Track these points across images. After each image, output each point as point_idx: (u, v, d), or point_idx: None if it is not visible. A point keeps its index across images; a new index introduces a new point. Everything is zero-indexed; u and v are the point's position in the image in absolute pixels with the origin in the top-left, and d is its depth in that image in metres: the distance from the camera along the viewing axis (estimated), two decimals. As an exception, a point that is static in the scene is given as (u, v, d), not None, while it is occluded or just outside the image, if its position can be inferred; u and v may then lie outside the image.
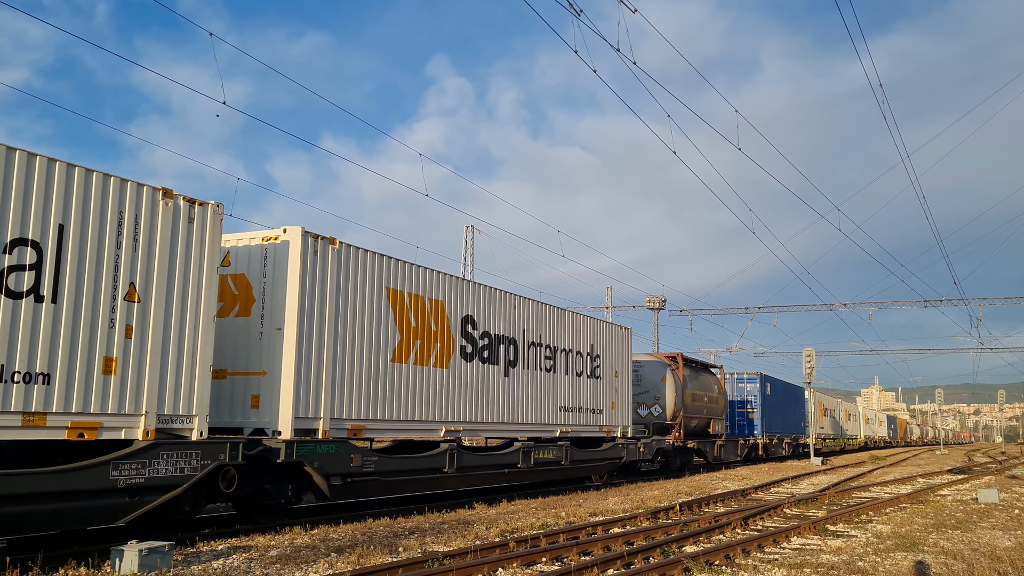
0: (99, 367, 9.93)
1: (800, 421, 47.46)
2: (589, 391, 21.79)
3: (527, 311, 19.32)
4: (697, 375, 30.82)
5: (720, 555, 10.82)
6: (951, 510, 17.29)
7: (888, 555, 11.13)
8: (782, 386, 43.55)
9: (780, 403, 42.16)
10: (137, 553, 8.80)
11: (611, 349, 23.22)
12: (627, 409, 23.93)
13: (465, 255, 58.51)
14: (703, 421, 30.94)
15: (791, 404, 45.29)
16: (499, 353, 17.98)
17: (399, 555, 10.39)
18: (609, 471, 23.40)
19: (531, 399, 19.09)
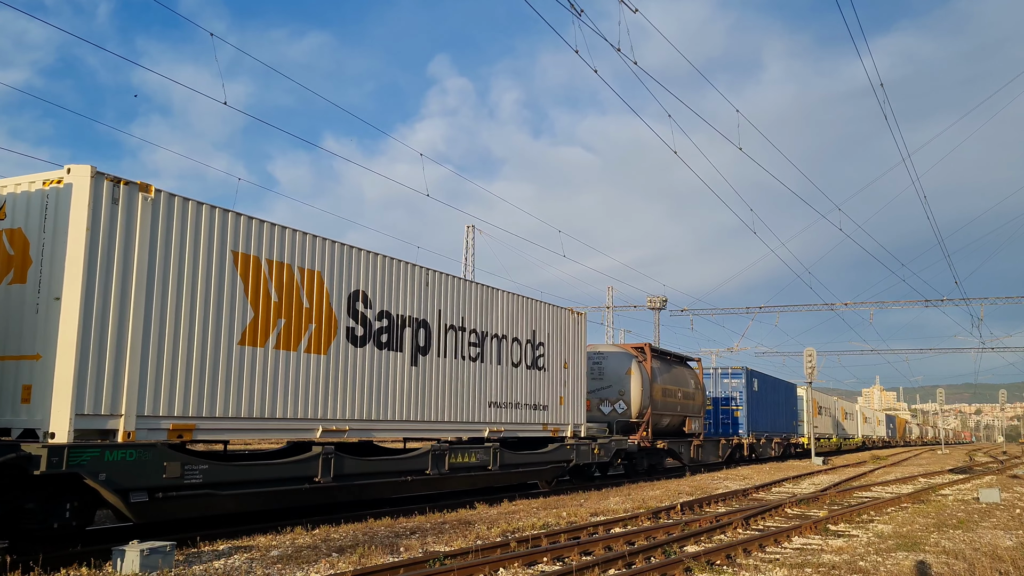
0: None
1: (792, 420, 45.47)
2: (530, 384, 19.05)
3: (444, 289, 16.46)
4: (669, 368, 28.35)
5: (721, 555, 10.82)
6: (952, 510, 17.29)
7: (889, 555, 11.13)
8: (771, 382, 41.23)
9: (769, 400, 39.83)
10: (139, 553, 8.81)
11: (560, 337, 20.43)
12: (580, 405, 21.18)
13: (466, 255, 58.55)
14: (677, 419, 28.51)
15: (782, 402, 43.02)
16: (404, 338, 15.05)
17: (400, 555, 10.39)
18: (556, 476, 20.68)
19: (450, 393, 16.29)
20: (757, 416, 37.09)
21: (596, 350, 25.71)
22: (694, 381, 30.58)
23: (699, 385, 31.23)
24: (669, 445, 27.39)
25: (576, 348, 21.31)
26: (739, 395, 35.56)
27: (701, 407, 30.99)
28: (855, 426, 69.47)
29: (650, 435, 25.50)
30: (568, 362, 20.77)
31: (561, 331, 20.61)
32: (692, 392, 29.94)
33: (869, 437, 76.51)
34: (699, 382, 31.38)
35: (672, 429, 28.43)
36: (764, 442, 38.56)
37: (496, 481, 18.22)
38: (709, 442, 31.94)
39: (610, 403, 25.41)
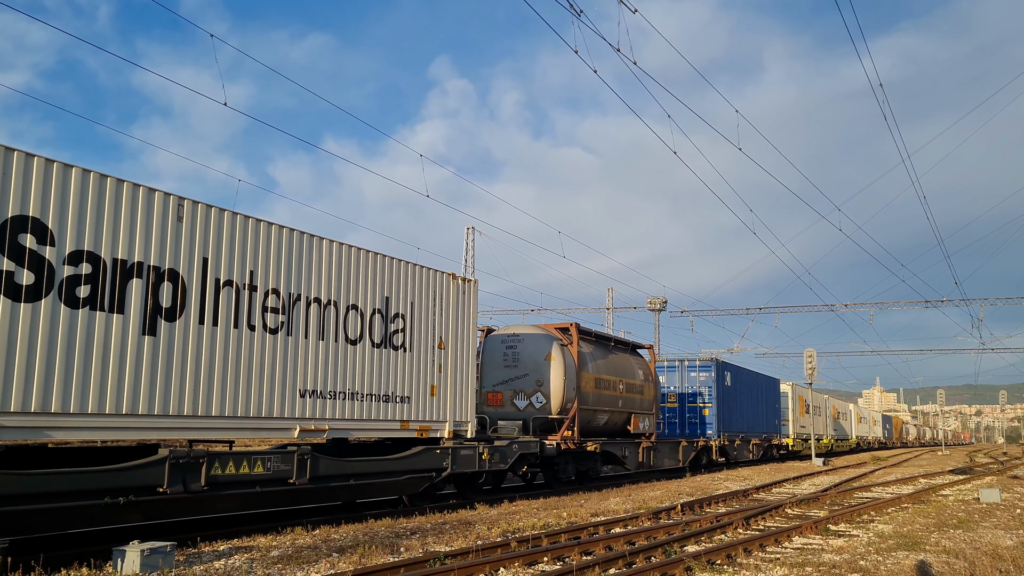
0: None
1: (776, 419, 40.99)
2: (379, 369, 14.59)
3: (216, 229, 11.91)
4: (607, 354, 23.80)
5: (722, 554, 10.82)
6: (953, 510, 17.29)
7: (890, 554, 11.13)
8: (749, 377, 36.85)
9: (745, 397, 35.53)
10: (139, 553, 8.81)
11: (432, 308, 15.96)
12: (464, 397, 16.65)
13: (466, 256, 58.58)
14: (619, 416, 23.94)
15: (762, 399, 38.64)
16: (127, 293, 10.60)
17: (401, 555, 10.39)
18: (423, 489, 15.68)
19: (223, 377, 11.78)
20: (730, 414, 32.90)
21: (511, 331, 21.77)
22: (643, 372, 25.82)
23: (650, 377, 26.41)
24: (604, 447, 22.26)
25: (460, 324, 16.77)
26: (708, 391, 31.29)
27: (653, 402, 26.28)
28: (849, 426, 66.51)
29: (576, 435, 20.72)
30: (446, 341, 16.21)
31: (434, 300, 16.01)
32: (640, 384, 25.28)
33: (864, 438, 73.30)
34: (650, 373, 26.55)
35: (612, 428, 24.03)
36: (739, 444, 34.28)
37: (309, 499, 13.41)
38: (664, 444, 27.03)
39: (526, 396, 20.82)
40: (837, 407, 61.78)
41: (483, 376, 21.09)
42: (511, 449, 17.99)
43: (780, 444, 42.39)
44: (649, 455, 25.24)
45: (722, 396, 31.81)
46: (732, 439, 32.99)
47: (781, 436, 42.31)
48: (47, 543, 11.01)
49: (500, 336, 21.60)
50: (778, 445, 42.12)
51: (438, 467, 15.77)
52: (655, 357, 27.49)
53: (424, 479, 15.49)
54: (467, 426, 16.81)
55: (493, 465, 17.30)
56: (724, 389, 32.19)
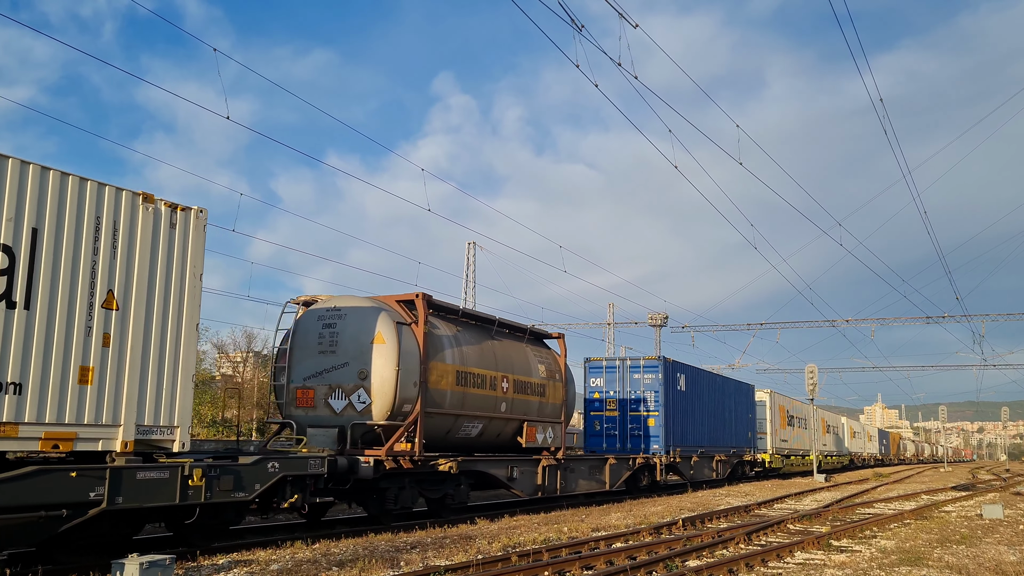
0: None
1: (748, 431, 35.72)
2: None
3: None
4: (482, 340, 17.85)
5: (724, 569, 10.78)
6: (955, 526, 17.21)
7: (892, 569, 11.07)
8: (711, 381, 31.62)
9: (706, 405, 30.29)
10: (138, 566, 8.77)
11: (87, 242, 10.04)
12: (166, 391, 10.79)
13: (467, 272, 58.64)
14: (503, 424, 18.17)
15: (730, 408, 33.37)
16: None
17: (400, 569, 10.35)
18: (53, 536, 9.55)
19: None
20: (683, 425, 27.68)
21: (332, 303, 16.06)
22: (548, 367, 20.09)
23: (559, 374, 20.62)
24: (471, 467, 16.72)
25: (161, 274, 10.91)
26: (653, 396, 26.20)
27: (562, 408, 20.52)
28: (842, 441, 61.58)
29: (419, 448, 15.04)
30: (122, 298, 10.38)
31: (94, 232, 10.11)
32: (540, 383, 19.53)
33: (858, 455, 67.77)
34: (560, 369, 20.69)
35: (493, 441, 18.36)
36: (697, 460, 28.82)
37: None
38: (581, 462, 21.40)
39: (344, 393, 15.23)
40: (827, 420, 56.91)
41: (292, 365, 15.91)
42: (260, 470, 11.89)
43: (754, 461, 37.09)
44: (554, 476, 19.49)
45: (672, 403, 26.76)
46: (688, 454, 27.78)
47: (756, 451, 37.12)
48: (46, 556, 10.97)
49: (319, 310, 15.93)
50: (751, 462, 36.79)
51: (78, 500, 9.53)
52: (565, 347, 21.24)
53: (48, 521, 9.30)
54: (173, 435, 10.83)
55: (218, 495, 11.13)
56: (675, 395, 27.11)
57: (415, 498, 15.85)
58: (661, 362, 26.58)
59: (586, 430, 26.83)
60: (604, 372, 27.04)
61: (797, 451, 45.51)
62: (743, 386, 35.95)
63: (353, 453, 14.43)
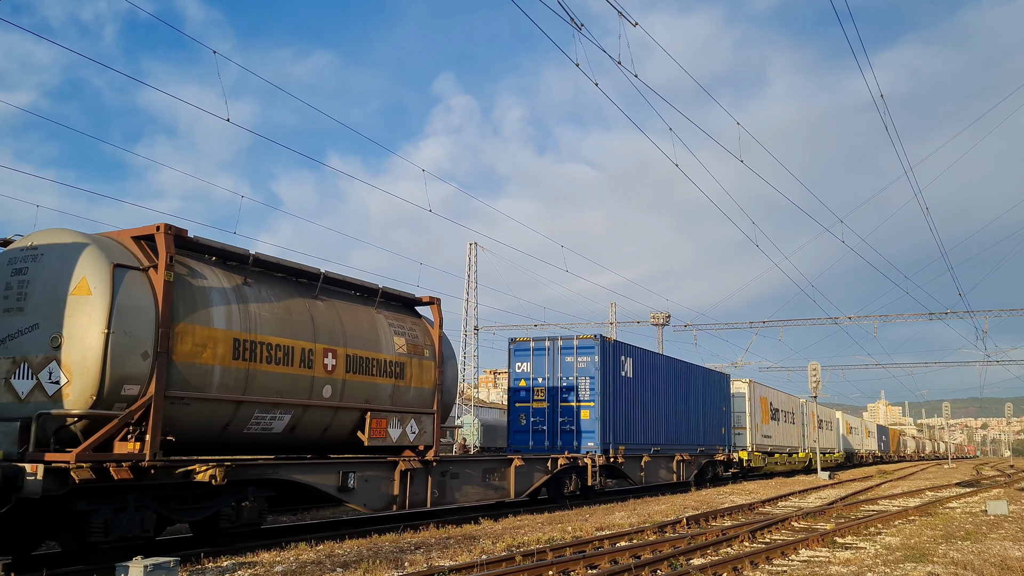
0: None
1: (722, 426, 31.77)
2: None
3: None
4: (286, 298, 12.97)
5: (728, 567, 10.76)
6: (960, 522, 17.19)
7: (897, 566, 11.06)
8: (669, 368, 27.23)
9: (662, 395, 26.17)
10: (142, 569, 8.76)
11: None
12: None
13: (469, 272, 58.67)
14: (329, 416, 13.54)
15: (697, 399, 29.36)
16: None
17: (405, 569, 10.34)
18: None
19: None
20: (630, 418, 23.71)
21: (29, 241, 10.96)
22: (407, 339, 15.28)
23: (430, 351, 15.86)
24: (238, 475, 11.67)
25: None
26: (588, 383, 22.16)
27: (433, 394, 15.74)
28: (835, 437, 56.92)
29: (150, 450, 10.21)
30: None
31: None
32: (395, 361, 14.80)
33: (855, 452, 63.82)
34: (430, 344, 15.95)
35: (322, 439, 13.70)
36: (650, 461, 24.74)
37: None
38: (467, 465, 17.04)
39: (32, 370, 10.27)
40: (818, 414, 51.66)
41: None
42: None
43: (730, 460, 32.77)
44: (421, 484, 15.15)
45: (613, 391, 22.77)
46: (636, 453, 23.83)
47: (731, 449, 33.02)
48: (49, 559, 10.98)
49: (12, 252, 10.99)
50: (726, 461, 32.51)
51: None
52: (440, 315, 16.49)
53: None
54: None
55: None
56: (618, 382, 23.12)
57: (150, 522, 10.70)
58: (598, 342, 22.15)
59: (510, 425, 22.65)
60: (532, 355, 22.80)
61: (782, 448, 41.10)
62: (715, 375, 31.97)
63: (34, 457, 9.57)
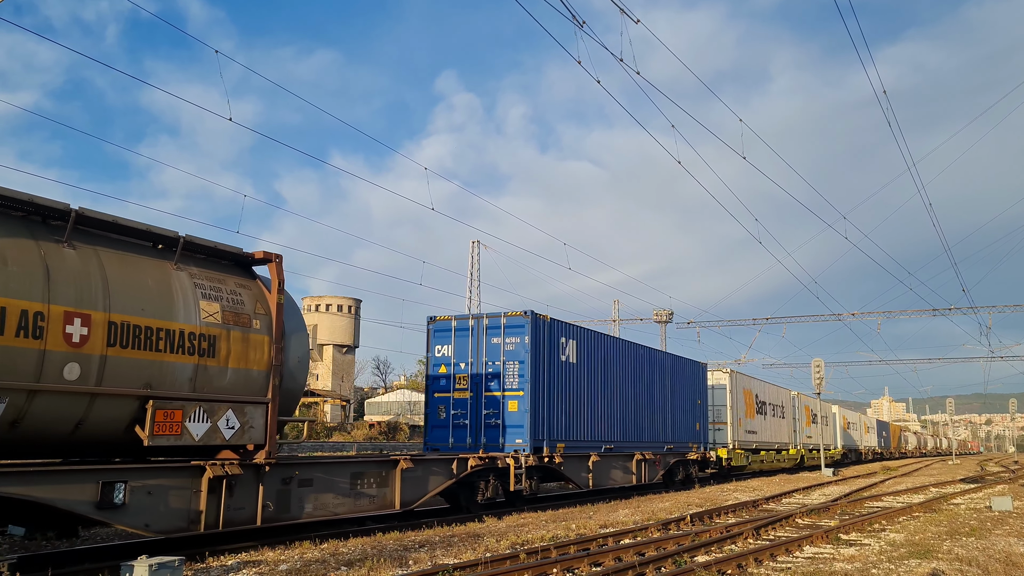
0: None
1: (696, 421, 28.35)
2: None
3: None
4: (6, 233, 9.38)
5: (732, 564, 10.75)
6: (965, 518, 17.17)
7: (902, 562, 11.04)
8: (623, 352, 23.36)
9: (615, 384, 22.38)
10: (147, 568, 8.78)
11: None
12: None
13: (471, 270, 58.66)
14: (91, 404, 9.89)
15: (663, 390, 25.69)
16: None
17: (409, 568, 10.35)
18: None
19: None
20: (571, 411, 19.89)
21: None
22: (223, 304, 11.70)
23: (263, 321, 12.22)
24: None
25: None
26: (516, 368, 18.49)
27: (266, 378, 12.09)
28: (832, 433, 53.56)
29: None
30: None
31: None
32: (200, 332, 11.22)
33: (852, 448, 60.36)
34: (265, 313, 12.31)
35: (75, 436, 10.04)
36: (599, 461, 21.11)
37: None
38: (325, 469, 13.37)
39: None
40: (811, 407, 48.24)
41: None
42: None
43: (705, 458, 28.98)
44: (248, 495, 11.73)
45: (547, 378, 18.97)
46: (580, 452, 20.18)
47: (708, 447, 29.47)
48: (55, 558, 11.00)
49: None
50: (701, 460, 28.70)
51: None
52: (279, 275, 12.53)
53: None
54: None
55: None
56: (555, 367, 19.36)
57: None
58: (529, 319, 18.43)
59: (427, 420, 19.42)
60: (453, 336, 19.24)
61: (769, 445, 37.83)
62: (688, 364, 28.27)
63: None
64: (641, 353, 24.64)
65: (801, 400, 45.68)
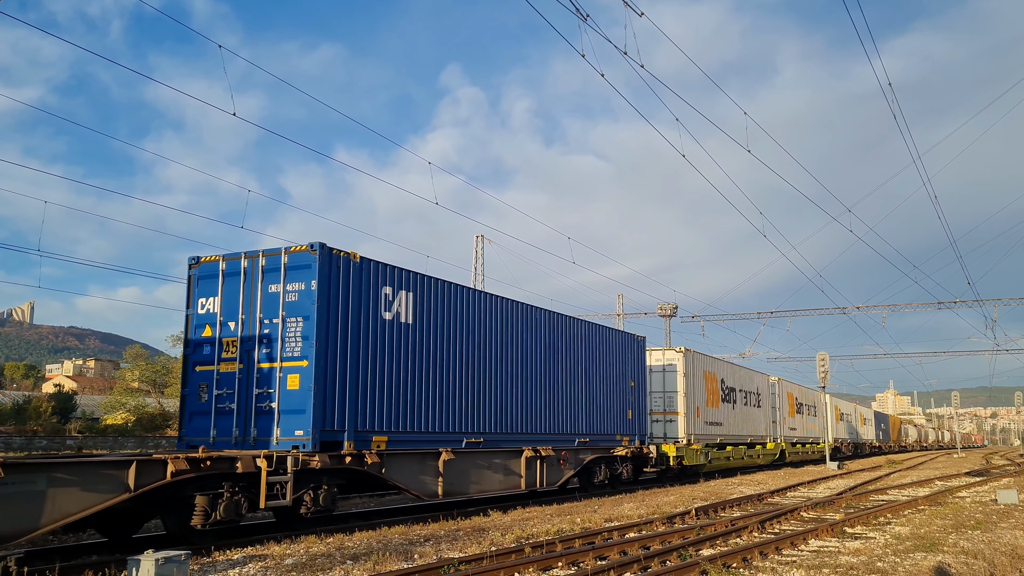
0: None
1: (625, 408, 22.84)
2: None
3: None
4: None
5: (737, 558, 10.75)
6: (970, 511, 17.14)
7: (907, 555, 11.03)
8: (500, 312, 17.83)
9: (486, 355, 17.11)
10: (154, 563, 8.80)
11: None
12: None
13: (476, 265, 58.66)
14: None
15: (571, 367, 20.23)
16: None
17: (414, 562, 10.36)
18: None
19: None
20: (402, 390, 14.74)
21: None
22: None
23: None
24: None
25: None
26: (297, 328, 13.30)
27: None
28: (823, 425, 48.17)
29: None
30: None
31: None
32: None
33: (846, 441, 55.68)
34: None
35: None
36: (454, 460, 15.67)
37: None
38: None
39: None
40: (795, 395, 42.80)
41: None
42: None
43: (643, 455, 23.86)
44: None
45: (355, 342, 13.78)
46: (417, 448, 14.95)
47: (646, 440, 24.08)
48: (62, 552, 11.04)
49: None
50: (635, 457, 23.53)
51: None
52: None
53: None
54: None
55: None
56: (371, 327, 14.16)
57: None
58: (318, 256, 13.15)
59: (185, 404, 14.16)
60: (222, 285, 13.98)
61: (739, 438, 32.74)
62: (616, 337, 23.10)
63: None
64: (534, 318, 19.09)
65: (782, 387, 40.63)
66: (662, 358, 27.66)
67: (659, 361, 27.54)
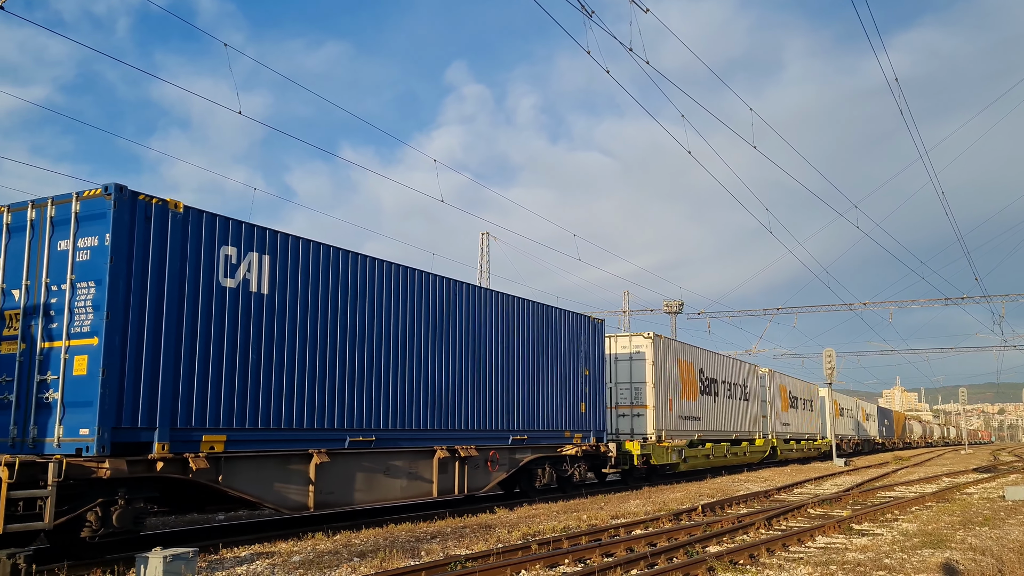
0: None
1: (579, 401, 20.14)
2: None
3: None
4: None
5: (744, 554, 10.75)
6: (978, 508, 17.10)
7: (915, 552, 11.01)
8: (406, 282, 15.02)
9: (382, 333, 14.24)
10: (162, 560, 8.84)
11: None
12: None
13: (481, 262, 58.69)
14: None
15: (505, 351, 17.59)
16: None
17: (421, 558, 10.39)
18: None
19: None
20: (256, 377, 11.80)
21: None
22: None
23: None
24: None
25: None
26: (88, 295, 10.12)
27: None
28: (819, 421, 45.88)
29: None
30: None
31: None
32: None
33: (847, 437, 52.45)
34: None
35: None
36: (333, 464, 12.96)
37: None
38: None
39: None
40: (789, 388, 40.41)
41: None
42: None
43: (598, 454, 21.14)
44: None
45: (177, 314, 10.88)
46: (273, 450, 12.05)
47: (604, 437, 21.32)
48: (71, 550, 11.08)
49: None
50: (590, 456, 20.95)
51: None
52: None
53: None
54: None
55: None
56: (202, 296, 11.26)
57: None
58: (114, 199, 10.19)
59: None
60: (6, 243, 11.08)
61: (723, 434, 29.97)
62: (564, 316, 20.05)
63: None
64: (453, 293, 16.29)
65: (774, 379, 37.54)
66: (628, 345, 24.72)
67: (625, 348, 24.70)
